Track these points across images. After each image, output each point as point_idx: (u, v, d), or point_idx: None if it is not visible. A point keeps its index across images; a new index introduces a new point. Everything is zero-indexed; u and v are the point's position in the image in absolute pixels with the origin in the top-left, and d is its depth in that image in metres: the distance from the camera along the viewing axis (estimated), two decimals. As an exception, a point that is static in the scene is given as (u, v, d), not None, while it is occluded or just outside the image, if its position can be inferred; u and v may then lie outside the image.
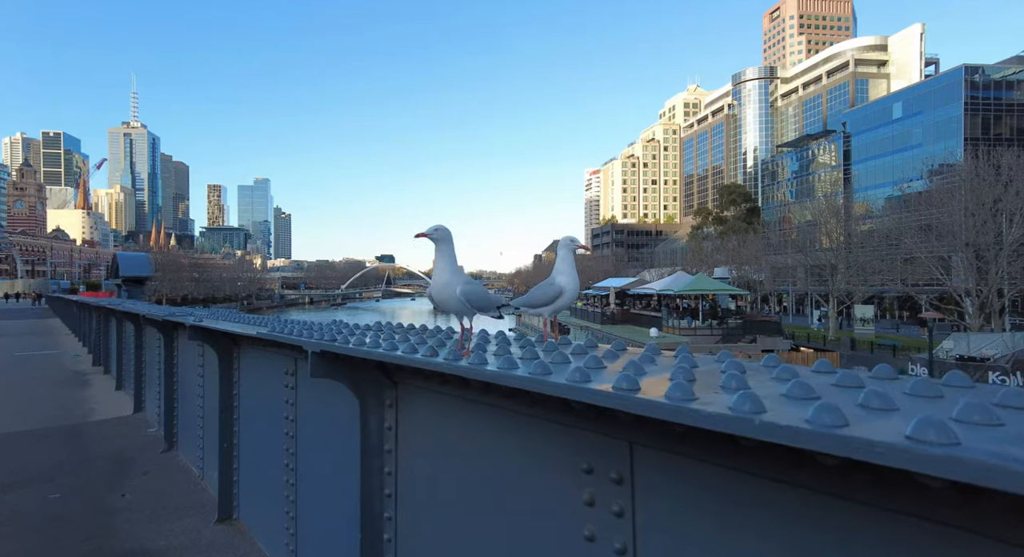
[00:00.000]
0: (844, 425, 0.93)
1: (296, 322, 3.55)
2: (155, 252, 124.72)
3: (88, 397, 7.91)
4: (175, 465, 4.86)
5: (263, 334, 2.67)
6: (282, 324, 3.31)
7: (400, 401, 2.13)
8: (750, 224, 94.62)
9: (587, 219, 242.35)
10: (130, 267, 15.20)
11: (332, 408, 2.42)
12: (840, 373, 1.39)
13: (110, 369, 9.11)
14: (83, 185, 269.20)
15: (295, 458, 2.75)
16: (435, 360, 1.69)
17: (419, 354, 1.80)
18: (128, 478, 4.61)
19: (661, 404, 1.11)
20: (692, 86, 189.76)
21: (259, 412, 3.31)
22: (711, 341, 34.04)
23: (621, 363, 1.69)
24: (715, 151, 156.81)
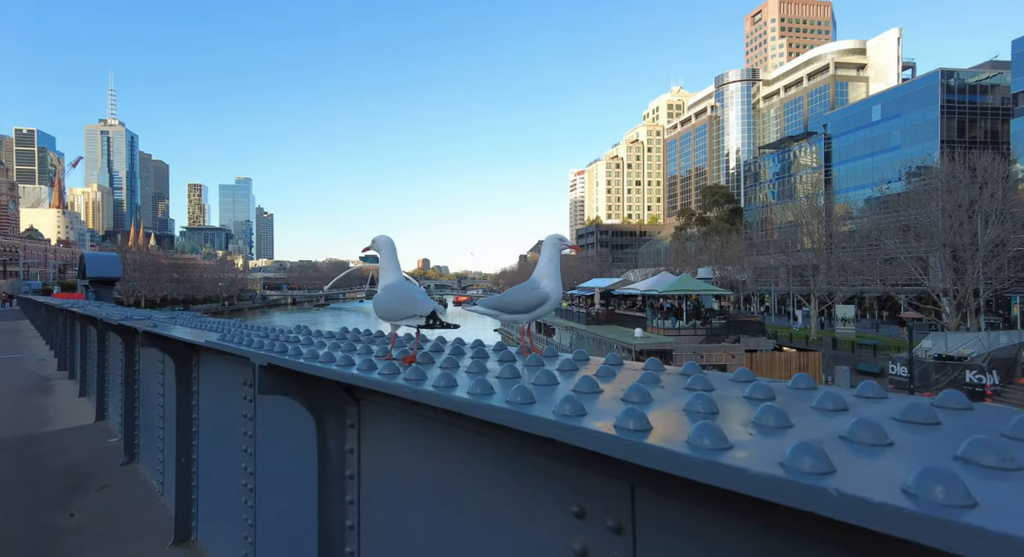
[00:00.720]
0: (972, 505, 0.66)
1: (256, 328, 3.28)
2: (134, 252, 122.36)
3: (48, 404, 7.51)
4: (134, 479, 4.54)
5: (210, 343, 2.40)
6: (240, 330, 3.04)
7: (363, 420, 1.86)
8: (733, 225, 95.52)
9: (572, 219, 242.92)
10: (98, 267, 14.52)
11: (292, 425, 2.16)
12: (907, 404, 1.14)
13: (75, 374, 8.70)
14: (58, 183, 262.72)
15: (254, 478, 2.49)
16: (394, 381, 1.42)
17: (376, 372, 1.55)
18: (81, 494, 4.27)
19: (685, 457, 0.85)
20: (676, 88, 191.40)
21: (219, 426, 3.04)
22: (695, 341, 34.13)
23: (620, 386, 1.40)
24: (698, 152, 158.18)
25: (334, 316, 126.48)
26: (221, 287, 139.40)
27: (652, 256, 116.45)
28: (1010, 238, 37.22)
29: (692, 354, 32.79)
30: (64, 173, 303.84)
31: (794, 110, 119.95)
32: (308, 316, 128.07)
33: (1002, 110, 59.57)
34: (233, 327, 3.42)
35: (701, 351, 32.97)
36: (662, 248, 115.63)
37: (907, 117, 63.36)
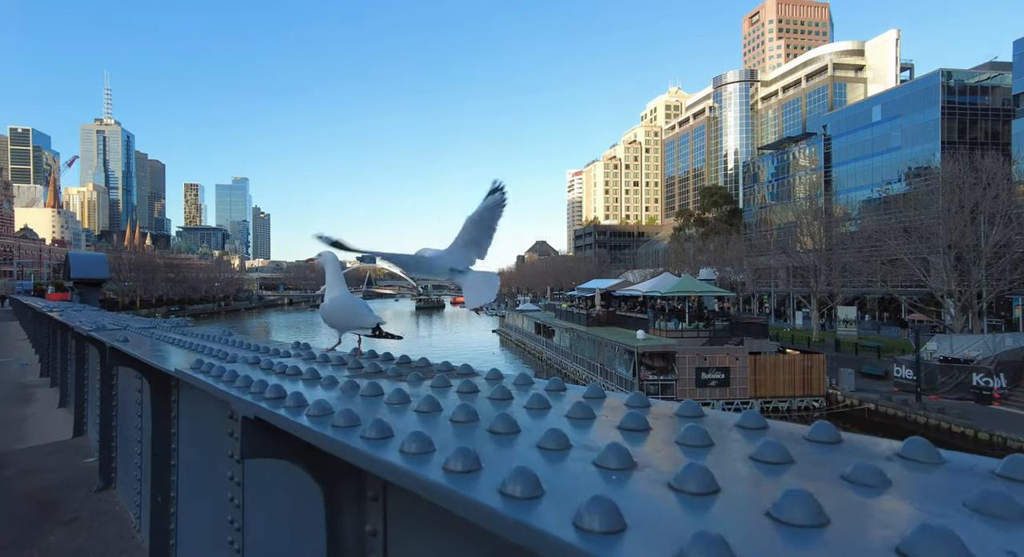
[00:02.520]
0: None
1: (245, 346, 2.78)
2: (129, 252, 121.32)
3: (25, 415, 6.97)
4: (109, 510, 4.00)
5: (181, 373, 1.91)
6: (223, 349, 2.54)
7: (391, 491, 1.31)
8: (732, 226, 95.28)
9: (569, 220, 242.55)
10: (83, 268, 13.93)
11: (291, 480, 1.64)
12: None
13: (56, 381, 8.16)
14: (53, 183, 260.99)
15: (242, 535, 1.98)
16: (426, 476, 0.93)
17: (405, 449, 1.03)
18: (47, 528, 3.72)
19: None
20: (673, 88, 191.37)
21: (202, 463, 2.51)
22: (698, 343, 33.65)
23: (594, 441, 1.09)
24: (696, 153, 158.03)
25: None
26: (217, 287, 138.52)
27: (650, 257, 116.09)
28: (1015, 240, 36.91)
29: (695, 356, 32.37)
30: (59, 172, 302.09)
31: (792, 111, 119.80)
32: (304, 316, 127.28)
33: (1003, 111, 59.38)
34: (216, 344, 2.91)
35: (704, 353, 32.51)
36: (660, 249, 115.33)
37: (907, 118, 63.14)
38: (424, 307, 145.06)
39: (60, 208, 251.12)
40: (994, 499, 0.72)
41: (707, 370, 32.30)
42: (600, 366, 36.88)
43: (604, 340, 36.26)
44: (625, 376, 33.28)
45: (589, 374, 38.51)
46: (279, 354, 2.37)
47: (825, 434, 1.10)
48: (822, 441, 1.09)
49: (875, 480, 0.85)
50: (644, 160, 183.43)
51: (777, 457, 0.97)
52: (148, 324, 4.91)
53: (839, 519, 0.71)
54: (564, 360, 43.87)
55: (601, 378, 36.36)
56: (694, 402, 1.46)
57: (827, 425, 1.14)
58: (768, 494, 0.78)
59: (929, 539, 0.59)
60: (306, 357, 2.15)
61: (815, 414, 32.14)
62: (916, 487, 0.87)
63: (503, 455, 1.05)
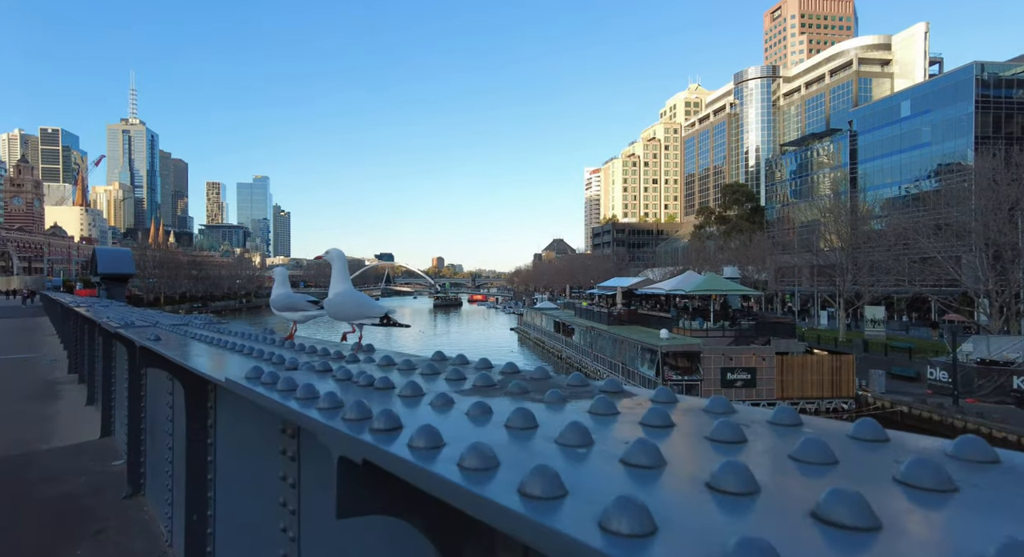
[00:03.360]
0: None
1: (298, 348, 2.46)
2: (154, 249, 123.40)
3: (52, 414, 6.81)
4: (138, 519, 3.74)
5: (234, 384, 1.55)
6: (271, 349, 2.23)
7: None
8: (753, 223, 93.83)
9: (587, 218, 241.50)
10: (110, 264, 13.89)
11: (374, 520, 1.27)
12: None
13: (84, 378, 8.03)
14: (81, 182, 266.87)
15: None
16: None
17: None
18: (73, 540, 3.45)
19: None
20: (693, 85, 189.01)
21: (246, 481, 2.20)
22: (723, 343, 32.98)
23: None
24: (716, 150, 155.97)
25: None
26: (239, 284, 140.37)
27: (670, 255, 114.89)
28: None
29: (721, 356, 31.72)
30: (87, 171, 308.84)
31: (815, 107, 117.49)
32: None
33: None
34: (260, 344, 2.59)
35: (730, 353, 31.85)
36: (680, 247, 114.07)
37: (939, 113, 61.35)
38: (442, 305, 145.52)
39: (88, 206, 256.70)
40: None
41: (733, 370, 31.64)
42: (622, 365, 36.36)
43: (626, 339, 35.72)
44: (648, 376, 32.74)
45: (610, 373, 38.02)
46: (341, 356, 2.06)
47: (870, 432, 1.01)
48: (867, 439, 1.00)
49: (934, 482, 0.74)
50: (663, 157, 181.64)
51: (820, 457, 0.88)
52: (179, 321, 4.65)
53: (893, 525, 0.63)
54: (584, 359, 43.40)
55: (623, 377, 35.86)
56: (723, 398, 1.32)
57: (872, 422, 1.03)
58: (813, 495, 0.70)
59: None
60: (381, 363, 1.81)
61: (844, 416, 31.30)
62: (981, 491, 0.76)
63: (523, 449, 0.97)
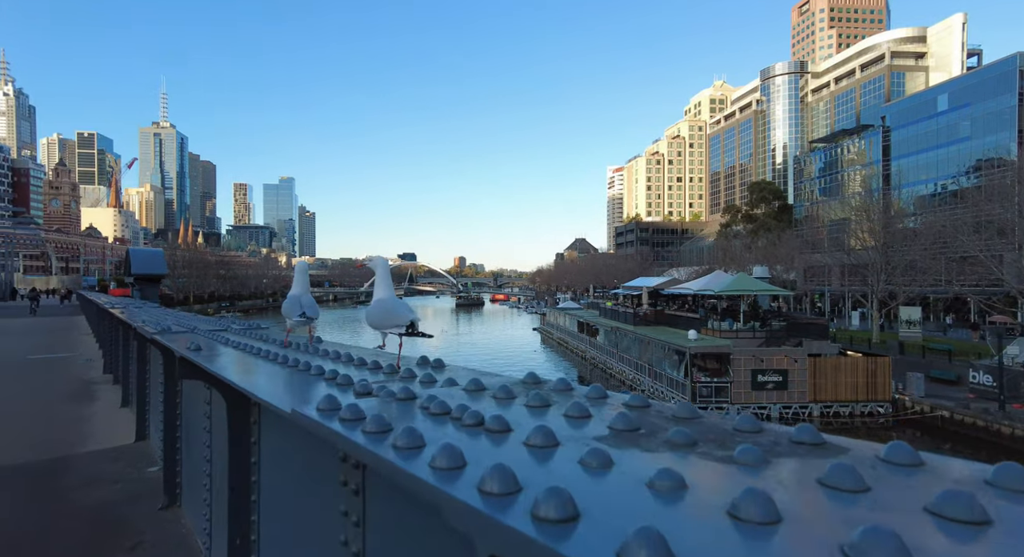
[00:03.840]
0: None
1: (358, 362, 2.25)
2: (183, 250, 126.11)
3: (88, 415, 6.78)
4: (175, 533, 3.59)
5: (307, 420, 1.28)
6: (325, 365, 2.03)
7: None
8: (781, 222, 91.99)
9: (610, 217, 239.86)
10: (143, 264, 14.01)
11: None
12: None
13: (119, 378, 8.03)
14: (115, 184, 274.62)
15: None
16: None
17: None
18: (109, 554, 3.35)
19: None
20: (719, 82, 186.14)
21: (296, 510, 1.97)
22: (754, 344, 32.24)
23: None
24: (743, 148, 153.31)
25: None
26: (265, 284, 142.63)
27: (695, 254, 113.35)
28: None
29: (751, 357, 31.00)
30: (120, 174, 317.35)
31: (845, 103, 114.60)
32: (349, 312, 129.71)
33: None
34: (316, 359, 2.38)
35: (761, 355, 31.11)
36: (705, 246, 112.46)
37: (979, 106, 59.21)
38: (464, 304, 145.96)
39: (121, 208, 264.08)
40: None
41: (764, 372, 30.90)
42: (648, 367, 35.82)
43: (653, 340, 35.17)
44: (676, 378, 32.19)
45: (636, 375, 37.50)
46: (412, 376, 1.83)
47: (903, 456, 0.96)
48: (900, 463, 0.95)
49: (969, 515, 0.69)
50: (688, 155, 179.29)
51: (850, 483, 0.83)
52: (216, 325, 4.49)
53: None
54: (609, 360, 42.90)
55: (649, 379, 35.35)
56: (750, 417, 1.26)
57: (904, 445, 0.99)
58: (842, 527, 0.66)
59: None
60: (469, 387, 1.56)
61: (880, 420, 30.36)
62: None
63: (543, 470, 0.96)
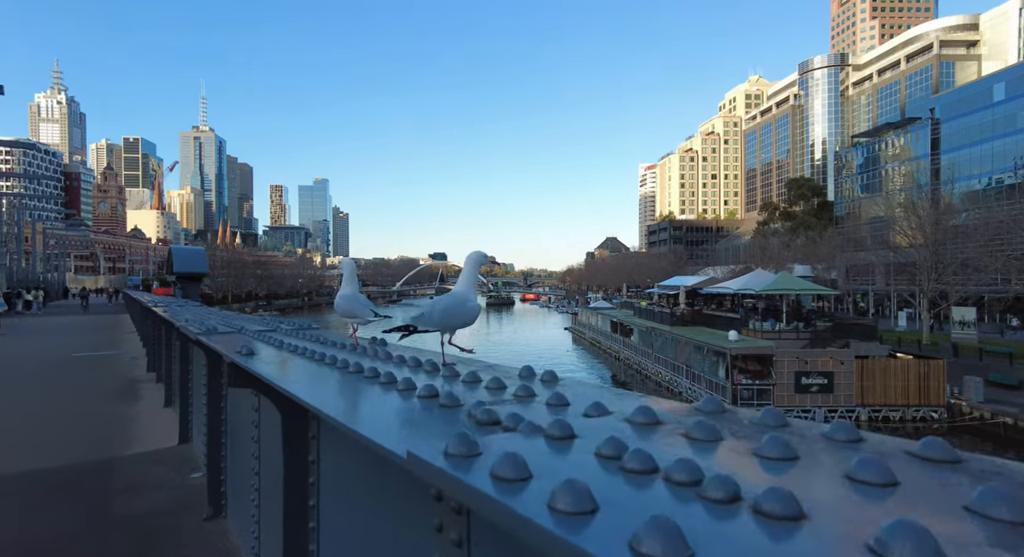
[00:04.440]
0: None
1: (429, 367, 1.93)
2: (221, 250, 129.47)
3: (132, 415, 6.70)
4: (221, 547, 3.33)
5: (419, 462, 0.96)
6: (400, 373, 1.75)
7: None
8: (820, 219, 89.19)
9: (642, 215, 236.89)
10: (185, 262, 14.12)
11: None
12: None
13: (161, 377, 7.98)
14: (158, 187, 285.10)
15: None
16: None
17: None
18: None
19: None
20: (754, 77, 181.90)
21: (369, 544, 1.66)
22: (797, 345, 31.09)
23: None
24: (779, 144, 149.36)
25: (406, 312, 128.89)
26: (301, 283, 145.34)
27: (731, 253, 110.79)
28: None
29: (794, 359, 29.92)
30: (163, 177, 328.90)
31: (889, 95, 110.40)
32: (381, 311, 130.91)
33: None
34: (395, 368, 1.98)
35: (805, 356, 29.98)
36: (741, 245, 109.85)
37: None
38: (494, 304, 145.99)
39: (163, 210, 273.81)
40: None
41: (808, 374, 29.78)
42: (686, 368, 34.95)
43: (691, 341, 34.28)
44: (715, 380, 31.29)
45: (673, 376, 36.65)
46: (530, 394, 1.47)
47: (938, 452, 0.92)
48: (934, 459, 0.92)
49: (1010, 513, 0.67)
50: (723, 152, 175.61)
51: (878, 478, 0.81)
52: (264, 325, 4.25)
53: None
54: (644, 361, 42.08)
55: (687, 380, 34.49)
56: (778, 410, 1.23)
57: (938, 441, 0.95)
58: (869, 524, 0.64)
59: None
60: (640, 420, 1.18)
61: (934, 426, 28.87)
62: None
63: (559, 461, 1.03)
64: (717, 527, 0.69)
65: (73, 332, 20.25)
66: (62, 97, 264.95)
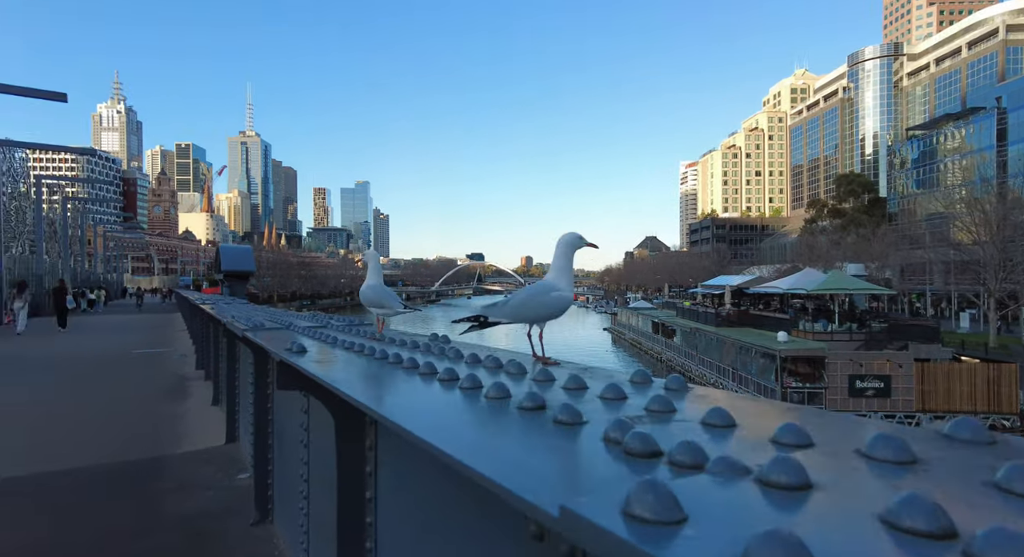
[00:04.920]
0: None
1: (506, 366, 1.71)
2: (267, 251, 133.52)
3: (181, 413, 6.74)
4: (267, 554, 3.21)
5: (496, 480, 0.79)
6: (512, 384, 1.40)
7: None
8: (872, 216, 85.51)
9: (683, 213, 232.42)
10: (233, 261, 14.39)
11: None
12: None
13: (210, 374, 8.05)
14: (207, 190, 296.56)
15: None
16: None
17: None
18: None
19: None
20: (800, 70, 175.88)
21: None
22: (851, 347, 29.72)
23: None
24: (827, 138, 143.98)
25: (444, 312, 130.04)
26: (343, 283, 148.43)
27: (777, 251, 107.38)
28: None
29: (848, 362, 28.58)
30: (212, 181, 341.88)
31: (948, 85, 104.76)
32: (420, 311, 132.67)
33: None
34: (459, 365, 1.79)
35: (859, 359, 28.61)
36: (788, 243, 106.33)
37: (1118, 80, 52.17)
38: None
39: (212, 212, 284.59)
40: None
41: (863, 378, 28.41)
42: (732, 370, 33.87)
43: (738, 342, 33.20)
44: (764, 382, 30.19)
45: (718, 379, 35.59)
46: (670, 410, 1.11)
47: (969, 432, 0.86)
48: (967, 440, 0.85)
49: None
50: (767, 148, 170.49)
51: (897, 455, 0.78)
52: (313, 321, 4.12)
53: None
54: (688, 362, 41.04)
55: (733, 383, 33.42)
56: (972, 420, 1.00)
57: (972, 421, 0.89)
58: (879, 497, 0.62)
59: None
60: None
61: (1004, 435, 27.08)
62: None
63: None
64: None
65: (129, 330, 21.03)
66: (121, 107, 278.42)
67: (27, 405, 7.68)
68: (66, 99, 23.69)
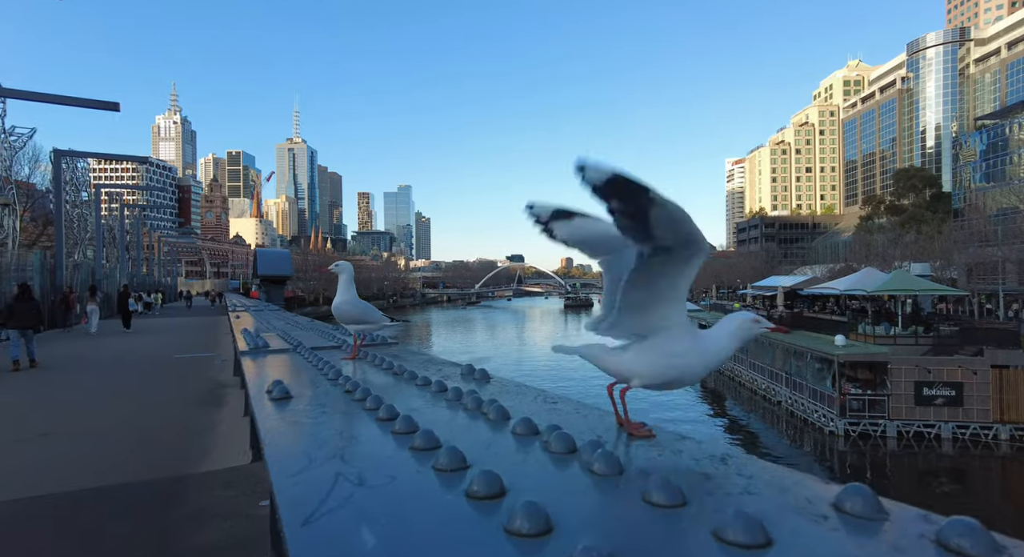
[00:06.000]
0: None
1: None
2: (313, 254, 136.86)
3: (214, 423, 6.47)
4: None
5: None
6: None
7: None
8: (935, 213, 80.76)
9: (729, 212, 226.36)
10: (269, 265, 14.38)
11: None
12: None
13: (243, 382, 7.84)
14: (256, 196, 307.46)
15: None
16: None
17: None
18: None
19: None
20: (853, 62, 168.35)
21: None
22: (917, 352, 27.79)
23: None
24: (884, 132, 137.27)
25: (485, 313, 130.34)
26: (386, 285, 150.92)
27: (830, 251, 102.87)
28: None
29: (914, 367, 26.71)
30: (261, 187, 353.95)
31: (1021, 71, 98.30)
32: (460, 313, 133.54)
33: None
34: None
35: (927, 364, 26.69)
36: (841, 242, 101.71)
37: None
38: (572, 305, 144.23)
39: (261, 217, 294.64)
40: None
41: (931, 385, 26.50)
42: (786, 376, 32.26)
43: (792, 346, 31.62)
44: (820, 389, 28.58)
45: (771, 385, 33.99)
46: None
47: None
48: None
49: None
50: (818, 143, 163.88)
51: None
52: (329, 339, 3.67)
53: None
54: (739, 368, 39.42)
55: (787, 389, 31.82)
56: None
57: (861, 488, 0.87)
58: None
59: None
60: None
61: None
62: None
63: None
64: None
65: (179, 332, 21.48)
66: (177, 118, 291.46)
67: (71, 413, 7.68)
68: (119, 108, 24.49)
